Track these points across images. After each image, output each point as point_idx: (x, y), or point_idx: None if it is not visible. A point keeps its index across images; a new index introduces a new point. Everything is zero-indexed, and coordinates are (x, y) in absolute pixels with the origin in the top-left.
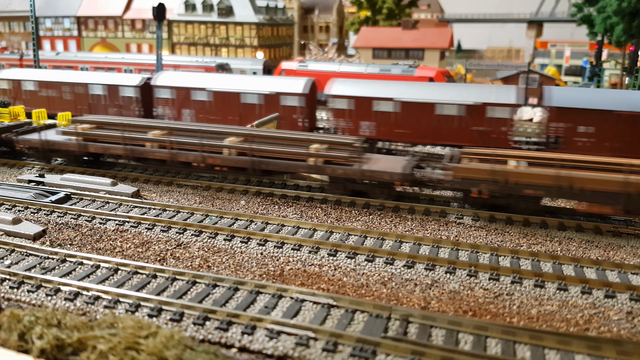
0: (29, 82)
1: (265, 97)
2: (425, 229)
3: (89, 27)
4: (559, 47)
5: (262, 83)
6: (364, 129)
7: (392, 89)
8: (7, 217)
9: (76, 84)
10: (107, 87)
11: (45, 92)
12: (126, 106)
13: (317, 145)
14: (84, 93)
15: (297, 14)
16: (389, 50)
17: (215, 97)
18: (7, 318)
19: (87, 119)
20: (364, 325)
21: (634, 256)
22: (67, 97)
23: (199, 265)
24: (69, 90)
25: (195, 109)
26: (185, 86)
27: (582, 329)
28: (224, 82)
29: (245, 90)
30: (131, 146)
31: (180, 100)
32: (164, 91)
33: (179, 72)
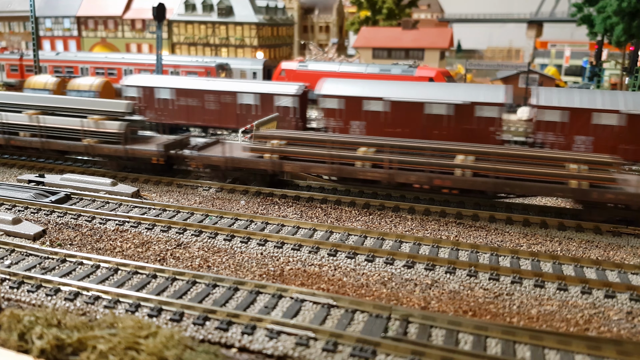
0: (164, 90)
1: (455, 108)
2: (425, 229)
3: (89, 27)
4: (559, 47)
5: (451, 92)
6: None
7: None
8: (7, 217)
9: (223, 93)
10: (260, 96)
11: (184, 100)
12: (281, 117)
13: (575, 165)
14: (232, 102)
15: (297, 14)
16: (389, 50)
17: (393, 108)
18: (7, 318)
19: (272, 133)
20: (364, 325)
21: (634, 256)
22: (211, 107)
23: (199, 265)
24: (213, 99)
25: (367, 121)
26: (357, 95)
27: (582, 329)
28: (404, 91)
29: (432, 99)
30: (338, 165)
31: (349, 110)
32: (331, 101)
33: (348, 80)
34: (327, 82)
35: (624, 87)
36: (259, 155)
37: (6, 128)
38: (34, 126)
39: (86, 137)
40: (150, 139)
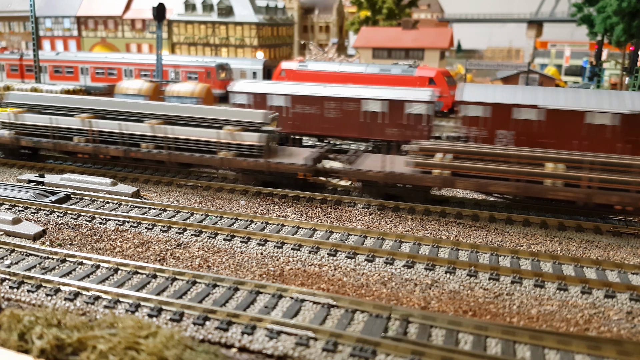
0: (278, 97)
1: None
2: (425, 229)
3: (89, 27)
4: (559, 47)
5: (618, 100)
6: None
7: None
8: (7, 217)
9: (345, 99)
10: (388, 102)
11: (300, 108)
12: (412, 126)
13: None
14: (355, 110)
15: (297, 14)
16: (389, 50)
17: (548, 116)
18: (7, 318)
19: (439, 146)
20: (364, 325)
21: (634, 256)
22: (331, 115)
23: (199, 265)
24: (334, 107)
25: (516, 131)
26: (505, 103)
27: (582, 329)
28: (562, 98)
29: (595, 109)
30: (525, 183)
31: (496, 119)
32: (474, 108)
33: (495, 86)
34: (468, 87)
35: (624, 87)
36: (424, 170)
37: (126, 139)
38: (158, 137)
39: (222, 150)
40: (287, 152)
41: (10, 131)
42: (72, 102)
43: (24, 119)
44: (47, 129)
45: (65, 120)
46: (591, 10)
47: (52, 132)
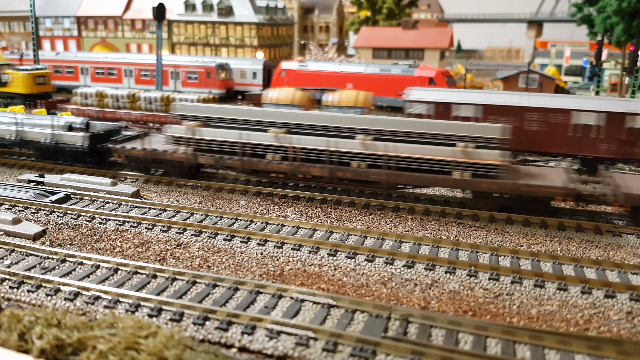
0: (466, 107)
1: None
2: (425, 229)
3: (89, 27)
4: (559, 47)
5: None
6: None
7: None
8: (7, 217)
9: (552, 111)
10: (606, 115)
11: (493, 120)
12: (634, 142)
13: None
14: (563, 123)
15: (297, 14)
16: (389, 50)
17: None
18: (7, 318)
19: None
20: (364, 325)
21: (634, 256)
22: (532, 128)
23: (199, 265)
24: (536, 119)
25: None
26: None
27: (582, 329)
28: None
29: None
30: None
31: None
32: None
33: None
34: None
35: (624, 87)
36: None
37: (335, 157)
38: (374, 155)
39: (457, 169)
40: (523, 171)
41: (187, 147)
42: (261, 115)
43: (204, 134)
44: (235, 145)
45: (258, 136)
46: (591, 10)
47: (242, 149)
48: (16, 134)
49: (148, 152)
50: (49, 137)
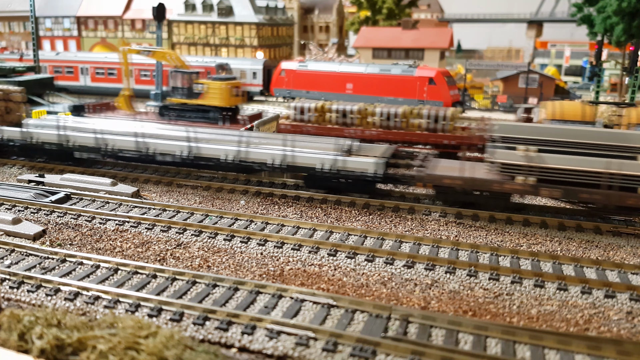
0: None
1: None
2: (425, 229)
3: (88, 27)
4: (559, 47)
5: None
6: None
7: None
8: (7, 217)
9: None
10: None
11: None
12: None
13: None
14: None
15: (297, 14)
16: (389, 50)
17: None
18: (7, 318)
19: None
20: (364, 325)
21: (634, 256)
22: None
23: (199, 265)
24: None
25: None
26: None
27: (582, 329)
28: None
29: None
30: None
31: None
32: None
33: None
34: None
35: (624, 87)
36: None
37: None
38: None
39: None
40: None
41: (527, 176)
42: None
43: (549, 161)
44: (597, 175)
45: (630, 165)
46: (591, 10)
47: (608, 180)
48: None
49: (468, 181)
50: (327, 162)
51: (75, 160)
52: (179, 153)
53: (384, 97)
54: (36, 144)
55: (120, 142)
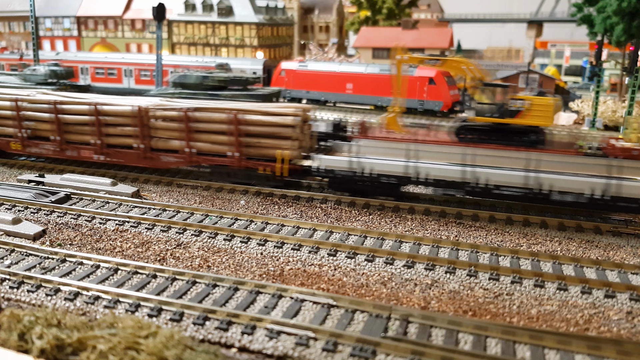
0: None
1: None
2: (425, 229)
3: (88, 27)
4: (559, 47)
5: None
6: None
7: None
8: (7, 217)
9: None
10: None
11: None
12: None
13: None
14: None
15: (297, 14)
16: (389, 50)
17: None
18: (7, 318)
19: None
20: (364, 325)
21: (634, 256)
22: None
23: (199, 265)
24: None
25: None
26: None
27: (582, 329)
28: None
29: None
30: None
31: None
32: None
33: None
34: None
35: (624, 87)
36: None
37: None
38: None
39: None
40: None
41: None
42: None
43: None
44: None
45: None
46: (591, 10)
47: None
48: None
49: None
50: None
51: (400, 196)
52: (588, 192)
53: (383, 97)
54: (368, 176)
55: (498, 176)
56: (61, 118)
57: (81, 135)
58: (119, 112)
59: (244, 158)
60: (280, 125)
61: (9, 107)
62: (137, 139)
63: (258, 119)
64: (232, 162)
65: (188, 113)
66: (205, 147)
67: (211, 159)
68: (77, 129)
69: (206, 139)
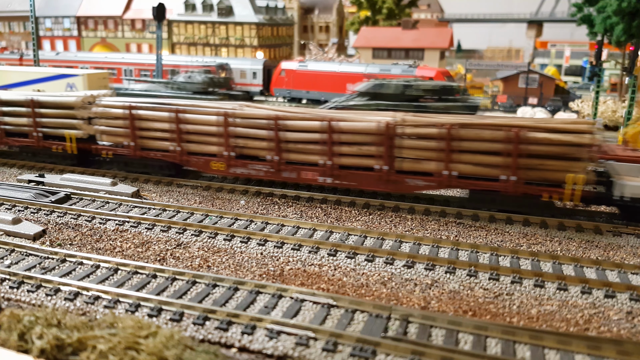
0: None
1: None
2: (425, 229)
3: (89, 27)
4: (559, 47)
5: None
6: None
7: None
8: (7, 217)
9: None
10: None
11: None
12: None
13: None
14: None
15: (297, 14)
16: (389, 50)
17: None
18: (7, 318)
19: None
20: (364, 325)
21: (634, 256)
22: None
23: (199, 265)
24: None
25: None
26: None
27: (582, 329)
28: None
29: None
30: None
31: None
32: None
33: None
34: None
35: (624, 87)
36: None
37: None
38: None
39: None
40: None
41: None
42: None
43: None
44: None
45: None
46: (591, 10)
47: None
48: None
49: None
50: None
51: None
52: None
53: None
54: None
55: None
56: (282, 136)
57: (306, 155)
58: (359, 129)
59: (521, 182)
60: (573, 144)
61: (215, 122)
62: (379, 160)
63: (544, 137)
64: (505, 188)
65: (452, 130)
66: (469, 169)
67: (476, 183)
68: (301, 147)
69: (471, 160)
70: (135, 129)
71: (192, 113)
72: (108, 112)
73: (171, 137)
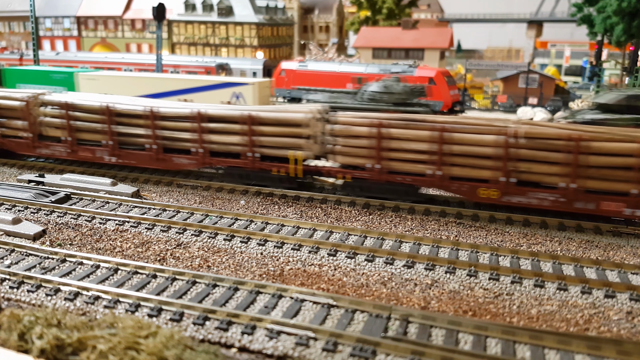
0: None
1: None
2: (425, 229)
3: (89, 27)
4: (559, 47)
5: None
6: None
7: None
8: (7, 217)
9: None
10: None
11: None
12: None
13: None
14: None
15: (297, 14)
16: (389, 50)
17: None
18: (7, 318)
19: None
20: (364, 325)
21: (634, 256)
22: None
23: (199, 265)
24: None
25: None
26: None
27: (582, 329)
28: None
29: None
30: None
31: None
32: None
33: None
34: None
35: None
36: None
37: None
38: None
39: None
40: None
41: None
42: None
43: None
44: None
45: None
46: (591, 10)
47: None
48: None
49: None
50: None
51: None
52: None
53: None
54: None
55: None
56: (583, 160)
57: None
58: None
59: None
60: None
61: (493, 142)
62: None
63: None
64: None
65: None
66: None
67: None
68: (607, 174)
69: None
70: (383, 150)
71: (461, 132)
72: (349, 130)
73: (430, 159)
